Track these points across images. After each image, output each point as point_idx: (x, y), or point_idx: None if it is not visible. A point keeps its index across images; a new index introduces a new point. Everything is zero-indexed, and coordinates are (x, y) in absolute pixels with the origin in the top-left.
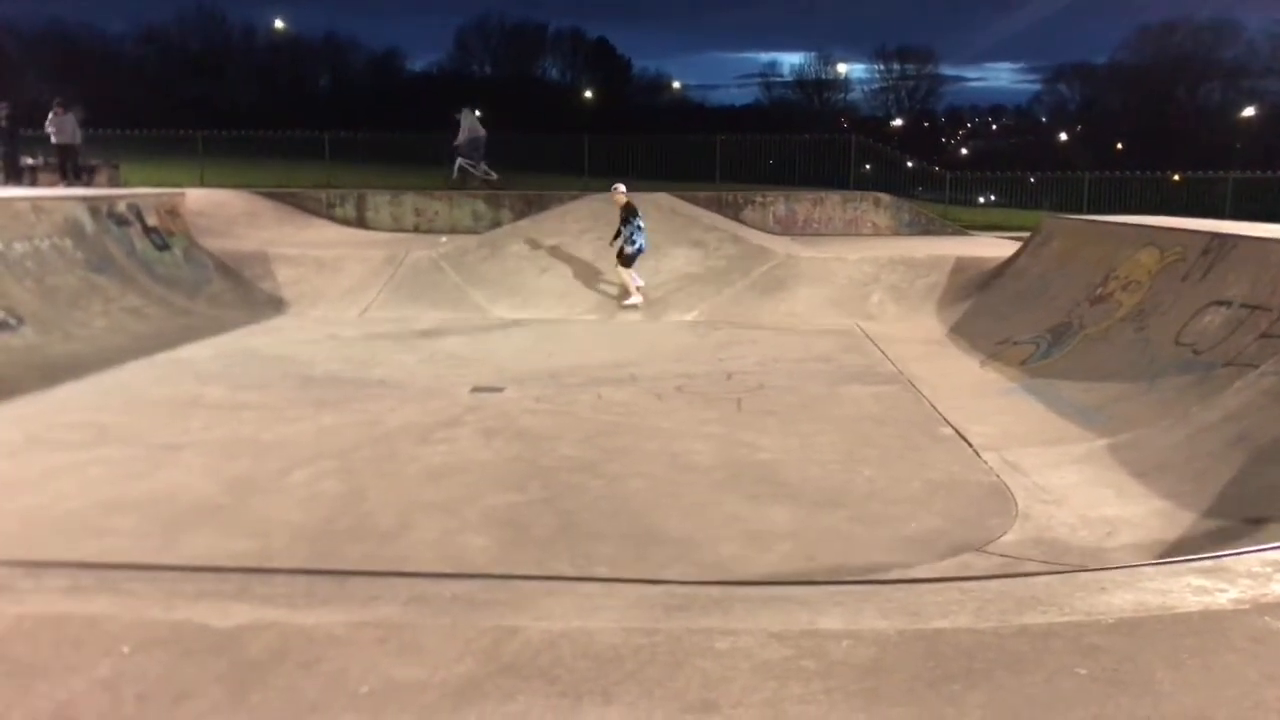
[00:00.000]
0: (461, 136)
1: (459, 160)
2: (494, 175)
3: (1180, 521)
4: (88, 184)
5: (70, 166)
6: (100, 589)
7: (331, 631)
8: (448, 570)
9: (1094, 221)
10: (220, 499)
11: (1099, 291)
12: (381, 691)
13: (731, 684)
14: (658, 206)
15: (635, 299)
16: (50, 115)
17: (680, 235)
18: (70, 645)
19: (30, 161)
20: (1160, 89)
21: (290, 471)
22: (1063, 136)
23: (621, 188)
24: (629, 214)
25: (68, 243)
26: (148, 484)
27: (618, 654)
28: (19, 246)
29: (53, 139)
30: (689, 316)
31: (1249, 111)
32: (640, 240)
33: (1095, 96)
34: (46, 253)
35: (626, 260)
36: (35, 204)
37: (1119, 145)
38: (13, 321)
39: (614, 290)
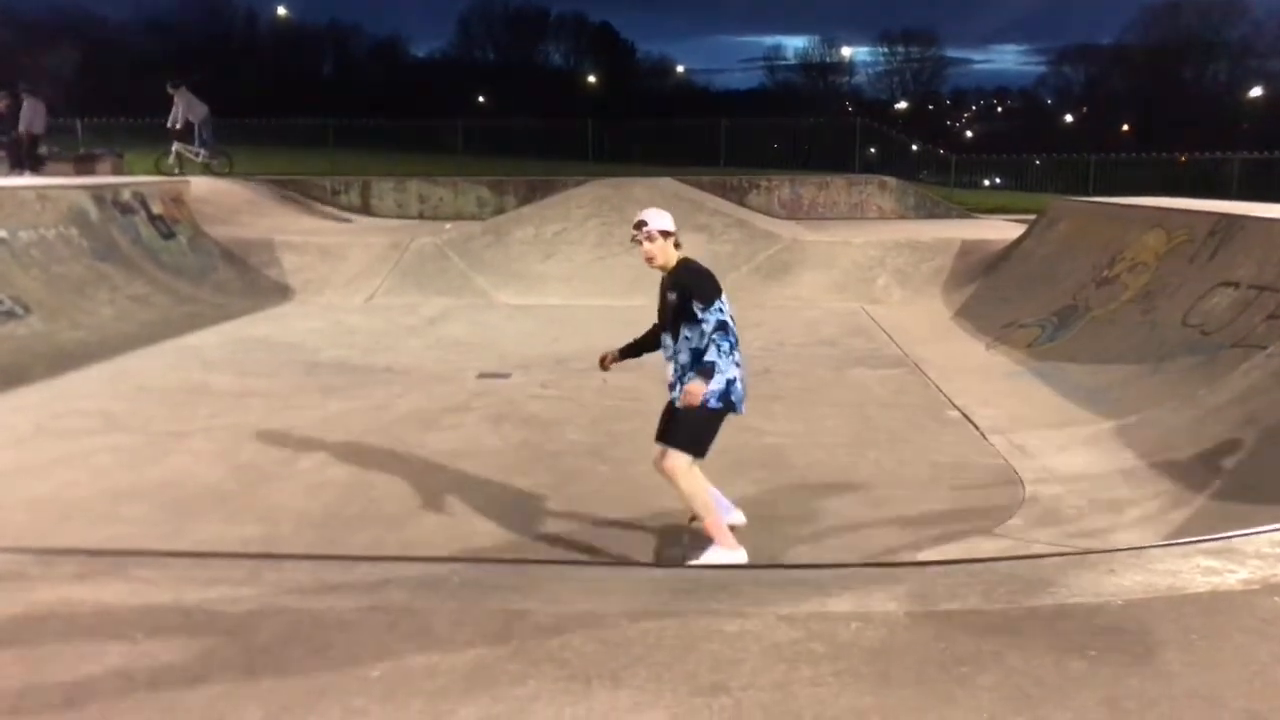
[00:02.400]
0: (175, 118)
1: (175, 145)
2: (214, 161)
3: (1188, 503)
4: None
5: (25, 153)
6: (111, 576)
7: (342, 616)
8: (456, 555)
9: (1100, 203)
10: (228, 486)
11: (1105, 274)
12: (393, 675)
13: (741, 666)
14: (661, 192)
15: (729, 550)
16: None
17: (684, 220)
18: (82, 632)
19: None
20: (1166, 70)
21: (298, 458)
22: (1068, 118)
23: (660, 222)
24: (697, 289)
25: (73, 231)
26: (156, 471)
27: (626, 637)
28: (24, 235)
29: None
30: None
31: (1256, 92)
32: (726, 364)
33: (1100, 78)
34: (52, 241)
35: (688, 438)
36: (40, 193)
37: (1125, 127)
38: (19, 310)
39: (619, 280)
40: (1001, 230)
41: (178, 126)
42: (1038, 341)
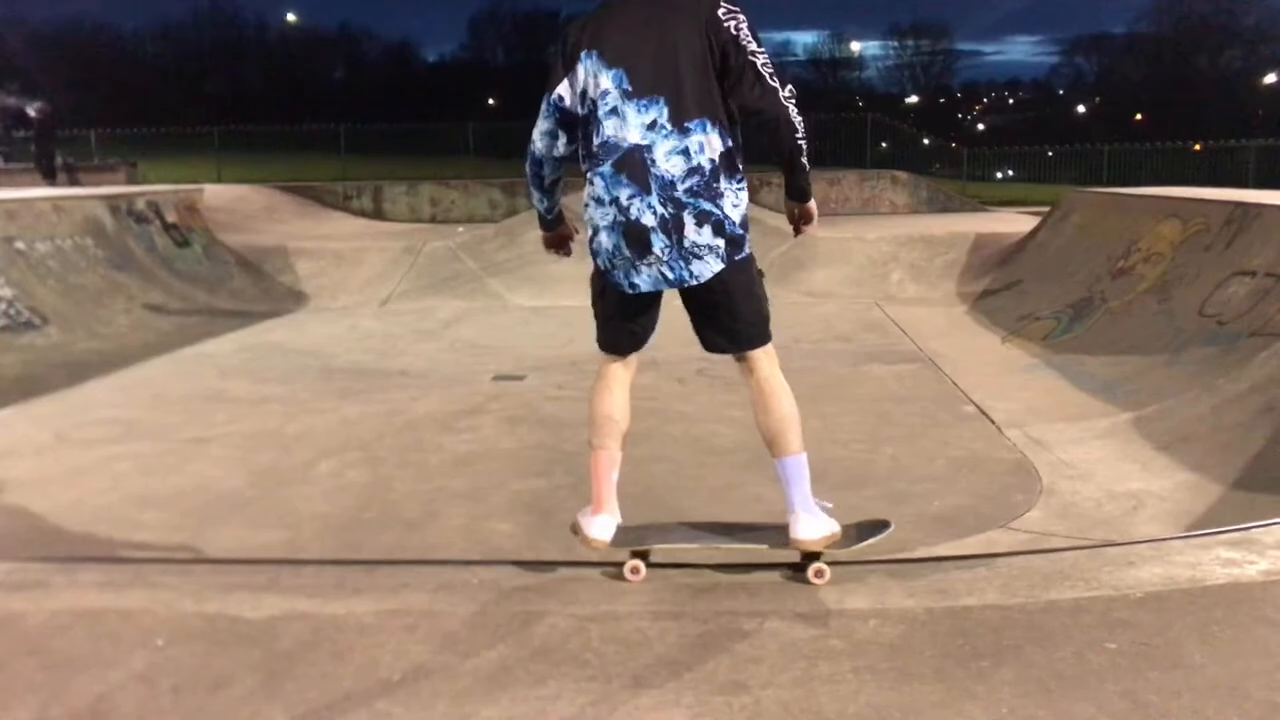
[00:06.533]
0: None
1: None
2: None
3: (1207, 494)
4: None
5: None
6: (133, 583)
7: (362, 620)
8: (475, 557)
9: (1114, 194)
10: (248, 491)
11: (1120, 265)
12: (414, 679)
13: (760, 665)
14: None
15: None
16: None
17: None
18: (106, 639)
19: (62, 161)
20: (1180, 58)
21: (316, 463)
22: (1081, 109)
23: None
24: None
25: (89, 241)
26: (176, 478)
27: (645, 637)
28: (41, 246)
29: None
30: None
31: (1270, 79)
32: None
33: (1113, 67)
34: (69, 252)
35: None
36: (56, 204)
37: (1138, 116)
38: (37, 321)
39: None
40: (1015, 223)
41: None
42: (1053, 334)
